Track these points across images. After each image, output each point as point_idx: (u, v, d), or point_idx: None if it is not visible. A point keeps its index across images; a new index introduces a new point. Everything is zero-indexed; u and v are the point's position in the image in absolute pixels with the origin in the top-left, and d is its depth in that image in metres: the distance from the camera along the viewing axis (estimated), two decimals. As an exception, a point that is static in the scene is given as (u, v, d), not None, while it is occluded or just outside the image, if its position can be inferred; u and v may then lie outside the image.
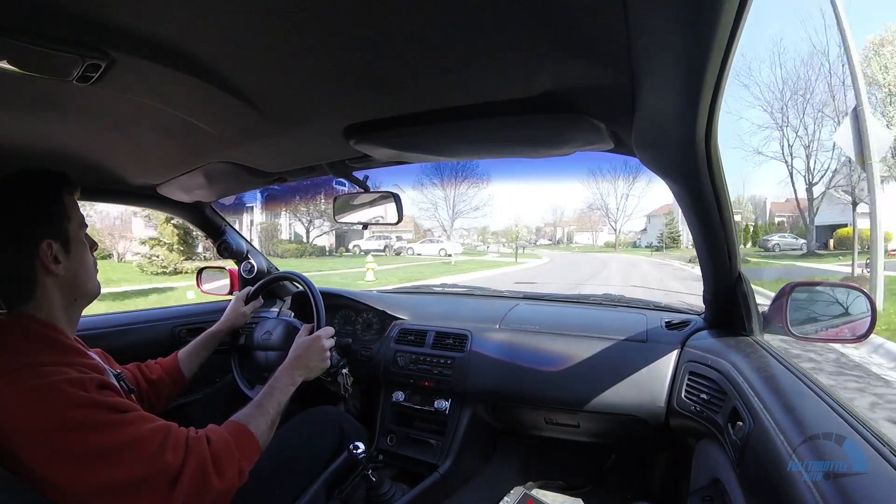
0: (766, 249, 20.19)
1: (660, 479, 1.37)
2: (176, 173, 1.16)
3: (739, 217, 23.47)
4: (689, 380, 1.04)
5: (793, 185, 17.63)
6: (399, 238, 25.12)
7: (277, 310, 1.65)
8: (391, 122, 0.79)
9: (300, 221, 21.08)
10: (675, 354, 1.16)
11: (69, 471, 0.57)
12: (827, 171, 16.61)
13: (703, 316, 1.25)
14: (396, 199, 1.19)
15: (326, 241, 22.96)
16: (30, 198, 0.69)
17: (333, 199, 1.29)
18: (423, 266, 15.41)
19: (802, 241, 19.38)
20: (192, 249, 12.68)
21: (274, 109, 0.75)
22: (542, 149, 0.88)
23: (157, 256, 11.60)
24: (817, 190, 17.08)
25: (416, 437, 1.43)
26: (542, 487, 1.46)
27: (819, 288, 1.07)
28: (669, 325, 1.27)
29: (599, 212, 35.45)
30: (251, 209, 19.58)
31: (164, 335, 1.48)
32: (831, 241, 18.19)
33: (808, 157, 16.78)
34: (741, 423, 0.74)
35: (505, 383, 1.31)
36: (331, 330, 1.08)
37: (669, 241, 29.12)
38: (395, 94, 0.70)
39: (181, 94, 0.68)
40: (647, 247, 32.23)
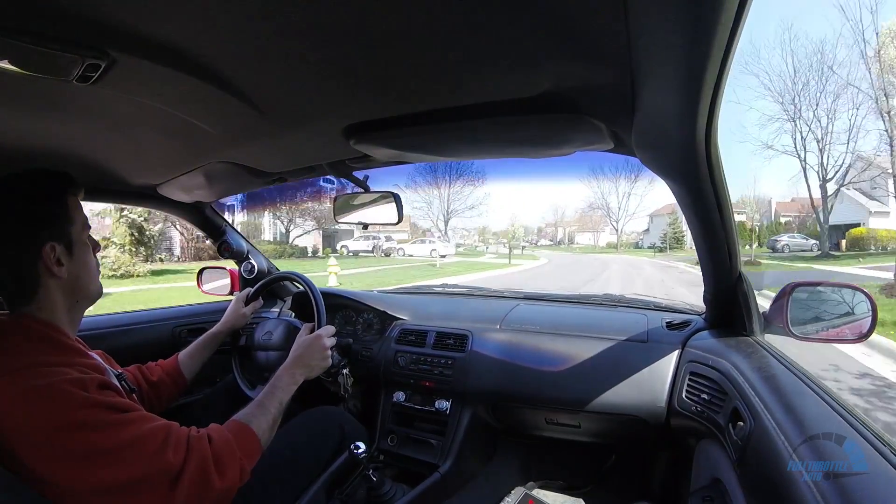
0: (775, 250, 19.49)
1: (660, 479, 1.37)
2: (176, 173, 1.16)
3: (744, 217, 22.87)
4: (690, 380, 1.04)
5: (806, 181, 16.79)
6: (389, 238, 23.51)
7: (278, 310, 1.65)
8: (391, 122, 0.79)
9: (279, 220, 20.20)
10: (675, 354, 1.16)
11: (69, 470, 0.57)
12: (842, 166, 15.98)
13: (703, 316, 1.25)
14: (396, 199, 1.19)
15: (312, 241, 21.92)
16: (33, 200, 0.69)
17: (334, 199, 1.30)
18: (402, 269, 14.33)
19: (813, 241, 18.72)
20: (150, 250, 11.61)
21: (274, 109, 0.75)
22: (542, 149, 0.88)
23: (107, 258, 10.53)
24: (831, 187, 16.37)
25: (417, 437, 1.43)
26: (542, 487, 1.46)
27: (820, 288, 1.07)
28: (670, 326, 1.27)
29: (601, 211, 35.02)
30: (232, 208, 18.62)
31: (164, 335, 1.49)
32: (843, 242, 17.56)
33: (822, 150, 16.08)
34: (742, 423, 0.74)
35: (505, 383, 1.31)
36: (332, 328, 1.08)
37: (673, 242, 28.45)
38: (395, 94, 0.70)
39: (181, 94, 0.68)
40: (649, 247, 31.46)
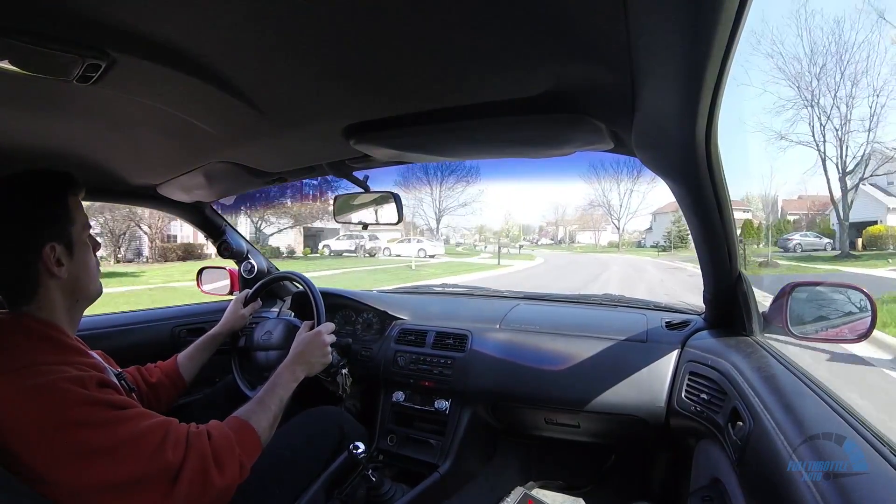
0: (787, 250, 18.22)
1: (660, 480, 1.37)
2: (176, 173, 1.16)
3: (750, 215, 22.14)
4: (690, 380, 1.04)
5: (825, 174, 15.13)
6: (373, 237, 21.37)
7: (277, 310, 1.65)
8: (391, 122, 0.79)
9: (249, 218, 17.15)
10: (675, 354, 1.16)
11: (69, 469, 0.57)
12: (862, 157, 14.41)
13: (703, 316, 1.25)
14: (396, 199, 1.19)
15: (288, 241, 19.67)
16: (34, 200, 0.68)
17: (334, 199, 1.30)
18: (369, 272, 13.22)
19: (826, 240, 17.89)
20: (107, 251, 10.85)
21: (274, 109, 0.75)
22: (541, 149, 0.88)
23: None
24: (850, 182, 14.98)
25: (417, 437, 1.43)
26: (542, 487, 1.47)
27: (819, 288, 1.07)
28: (670, 325, 1.27)
29: (602, 209, 33.99)
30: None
31: (164, 335, 1.49)
32: (860, 241, 16.51)
33: (841, 141, 14.40)
34: (741, 423, 0.74)
35: (505, 383, 1.31)
36: (331, 325, 1.08)
37: (677, 241, 27.06)
38: (395, 94, 0.70)
39: (181, 94, 0.68)
40: (652, 246, 30.17)
